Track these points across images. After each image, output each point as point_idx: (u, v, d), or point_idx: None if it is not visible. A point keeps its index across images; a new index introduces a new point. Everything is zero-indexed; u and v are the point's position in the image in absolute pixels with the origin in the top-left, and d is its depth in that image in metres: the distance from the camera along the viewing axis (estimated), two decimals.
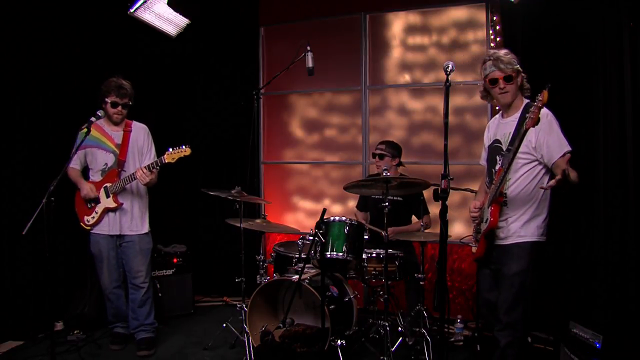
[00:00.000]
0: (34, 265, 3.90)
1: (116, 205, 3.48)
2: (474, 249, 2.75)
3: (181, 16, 4.07)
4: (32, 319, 3.83)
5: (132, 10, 3.78)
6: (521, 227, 2.60)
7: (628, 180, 3.40)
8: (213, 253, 5.01)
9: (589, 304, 3.57)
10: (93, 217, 3.51)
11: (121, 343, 3.66)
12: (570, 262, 3.70)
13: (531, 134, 2.48)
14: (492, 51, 2.70)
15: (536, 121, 2.22)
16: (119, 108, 3.46)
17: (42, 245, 2.76)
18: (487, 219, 2.60)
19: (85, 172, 3.62)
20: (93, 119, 3.12)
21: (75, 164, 3.55)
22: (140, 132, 3.63)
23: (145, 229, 3.63)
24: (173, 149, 3.35)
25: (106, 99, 3.42)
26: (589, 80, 3.62)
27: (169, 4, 3.90)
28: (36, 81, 3.96)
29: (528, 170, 2.60)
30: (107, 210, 3.49)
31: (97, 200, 3.50)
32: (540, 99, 2.19)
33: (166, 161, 3.35)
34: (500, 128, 2.75)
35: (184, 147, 3.36)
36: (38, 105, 3.99)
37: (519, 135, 2.36)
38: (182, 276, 4.44)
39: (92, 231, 3.54)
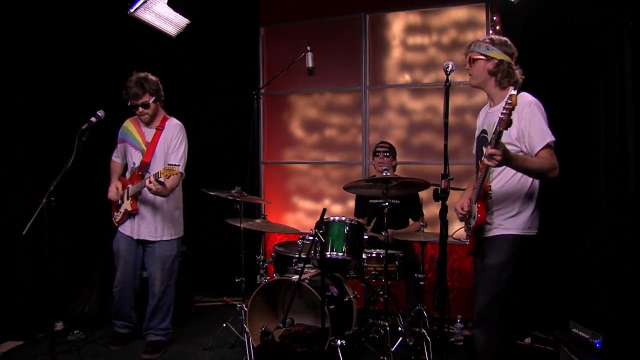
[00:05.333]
0: (34, 265, 3.89)
1: (132, 209, 3.42)
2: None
3: (181, 16, 4.08)
4: (32, 319, 3.83)
5: (132, 10, 3.79)
6: (506, 220, 2.51)
7: (629, 180, 3.41)
8: (213, 253, 5.00)
9: (589, 304, 3.57)
10: (118, 215, 3.51)
11: (121, 343, 3.65)
12: (571, 261, 3.71)
13: (512, 125, 2.36)
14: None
15: (508, 123, 2.09)
16: (140, 109, 3.38)
17: (42, 245, 2.76)
18: (474, 216, 2.51)
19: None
20: (93, 119, 3.11)
21: (116, 157, 3.58)
22: (170, 130, 3.47)
23: (167, 236, 3.49)
24: (165, 167, 3.07)
25: (128, 104, 3.37)
26: (590, 80, 3.62)
27: (169, 4, 3.91)
28: (36, 81, 3.95)
29: None
30: (127, 212, 3.45)
31: (122, 199, 3.48)
32: (509, 101, 2.06)
33: (161, 178, 3.10)
34: (487, 118, 2.64)
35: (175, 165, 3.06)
36: (38, 105, 3.98)
37: (495, 133, 2.18)
38: (182, 276, 4.41)
39: (119, 228, 3.53)
